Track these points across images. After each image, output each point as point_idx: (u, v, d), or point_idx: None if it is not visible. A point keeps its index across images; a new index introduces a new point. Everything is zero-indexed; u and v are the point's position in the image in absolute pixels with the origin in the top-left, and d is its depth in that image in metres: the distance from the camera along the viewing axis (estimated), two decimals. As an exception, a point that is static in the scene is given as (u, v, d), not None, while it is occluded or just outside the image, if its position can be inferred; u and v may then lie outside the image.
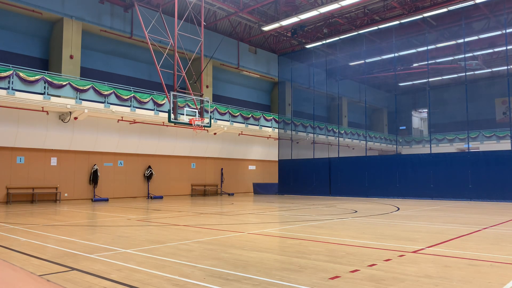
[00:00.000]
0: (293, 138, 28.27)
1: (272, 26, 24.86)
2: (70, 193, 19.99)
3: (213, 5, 24.35)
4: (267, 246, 6.70)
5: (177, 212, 13.32)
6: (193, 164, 25.76)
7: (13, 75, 16.82)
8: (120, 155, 22.08)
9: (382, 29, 25.67)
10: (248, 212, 13.54)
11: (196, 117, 19.21)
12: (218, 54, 26.45)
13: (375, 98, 38.35)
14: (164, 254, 5.85)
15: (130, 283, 4.25)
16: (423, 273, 4.66)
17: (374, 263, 5.19)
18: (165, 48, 20.11)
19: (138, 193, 22.73)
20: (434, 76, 33.22)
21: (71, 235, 7.92)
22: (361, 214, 12.32)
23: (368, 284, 4.19)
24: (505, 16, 20.74)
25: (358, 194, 23.22)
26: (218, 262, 5.27)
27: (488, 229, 8.72)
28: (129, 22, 23.16)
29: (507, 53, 20.69)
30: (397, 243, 6.89)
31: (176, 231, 8.49)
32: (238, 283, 4.24)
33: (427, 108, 35.04)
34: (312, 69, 28.85)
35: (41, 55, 21.23)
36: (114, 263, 5.24)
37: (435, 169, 20.72)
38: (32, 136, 18.52)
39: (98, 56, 23.15)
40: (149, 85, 24.41)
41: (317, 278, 4.46)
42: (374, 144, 37.15)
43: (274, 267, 5.02)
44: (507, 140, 28.79)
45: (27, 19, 20.29)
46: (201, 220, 10.74)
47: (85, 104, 18.79)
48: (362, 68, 28.72)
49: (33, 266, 5.08)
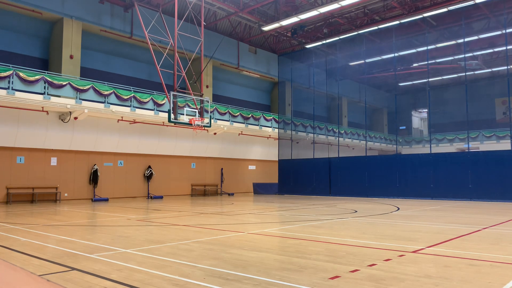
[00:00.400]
0: (293, 138, 28.26)
1: (272, 26, 24.86)
2: (70, 193, 19.99)
3: (213, 5, 24.35)
4: (267, 246, 6.70)
5: (177, 212, 13.32)
6: (193, 164, 25.76)
7: (13, 75, 16.83)
8: (120, 155, 22.08)
9: (382, 29, 25.67)
10: (248, 212, 13.54)
11: (196, 117, 19.21)
12: (218, 54, 26.45)
13: (375, 98, 38.34)
14: (164, 254, 5.85)
15: (130, 283, 4.25)
16: (423, 273, 4.66)
17: (374, 263, 5.19)
18: (165, 48, 20.11)
19: (138, 193, 22.73)
20: (434, 76, 33.20)
21: (71, 235, 7.92)
22: (361, 214, 12.32)
23: (368, 284, 4.19)
24: (505, 16, 20.74)
25: (358, 194, 23.21)
26: (218, 262, 5.27)
27: (488, 229, 8.71)
28: (129, 22, 23.16)
29: (507, 53, 20.69)
30: (397, 243, 6.89)
31: (176, 231, 8.49)
32: (238, 283, 4.24)
33: (427, 108, 35.04)
34: (312, 69, 28.84)
35: (41, 55, 21.23)
36: (114, 263, 5.24)
37: (435, 169, 20.71)
38: (32, 136, 18.52)
39: (98, 56, 23.15)
40: (149, 85, 24.41)
41: (317, 278, 4.46)
42: (374, 144, 37.15)
43: (274, 267, 5.02)
44: (507, 140, 28.78)
45: (27, 19, 20.29)
46: (201, 220, 10.75)
47: (85, 104, 18.79)
48: (362, 68, 28.70)
49: (33, 266, 5.08)
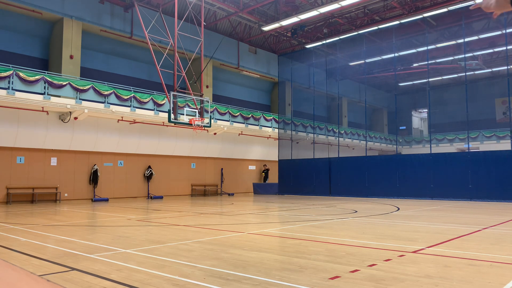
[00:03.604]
0: (293, 138, 28.25)
1: (272, 26, 24.86)
2: (70, 193, 19.99)
3: (213, 5, 24.36)
4: (267, 246, 6.69)
5: (177, 212, 13.32)
6: (193, 164, 25.76)
7: (13, 75, 16.82)
8: (120, 155, 22.08)
9: (382, 29, 25.67)
10: (248, 212, 13.54)
11: (196, 117, 19.22)
12: (218, 54, 26.45)
13: (375, 98, 38.35)
14: (164, 254, 5.84)
15: (130, 283, 4.25)
16: (423, 273, 4.66)
17: (374, 263, 5.19)
18: (165, 48, 20.11)
19: (138, 193, 22.73)
20: (434, 76, 33.20)
21: (71, 235, 7.91)
22: (361, 214, 12.32)
23: (368, 284, 4.19)
24: (505, 16, 20.74)
25: (358, 194, 23.21)
26: (218, 262, 5.27)
27: (488, 229, 8.71)
28: (129, 22, 23.16)
29: (507, 53, 20.70)
30: (397, 243, 6.89)
31: (176, 231, 8.49)
32: (238, 283, 4.24)
33: (427, 108, 35.05)
34: (312, 69, 28.83)
35: (41, 55, 21.23)
36: (114, 263, 5.24)
37: (435, 169, 20.71)
38: (32, 136, 18.52)
39: (98, 56, 23.15)
40: (149, 85, 24.41)
41: (317, 278, 4.46)
42: (374, 144, 37.15)
43: (274, 267, 5.01)
44: (507, 140, 28.79)
45: (27, 19, 20.29)
46: (201, 220, 10.74)
47: (85, 104, 18.79)
48: (362, 68, 28.71)
49: (33, 266, 5.07)
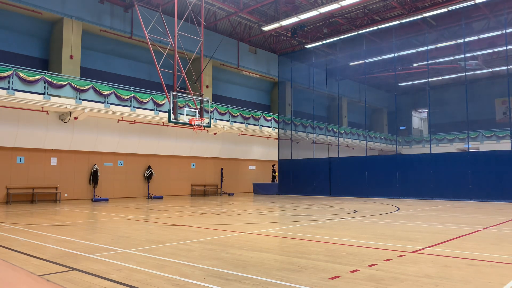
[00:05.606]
0: (293, 138, 28.25)
1: (272, 26, 24.86)
2: (70, 193, 19.99)
3: (213, 5, 24.36)
4: (267, 246, 6.69)
5: (177, 212, 13.32)
6: (193, 164, 25.76)
7: (13, 75, 16.82)
8: (120, 155, 22.08)
9: (382, 29, 25.66)
10: (248, 212, 13.54)
11: (196, 117, 19.22)
12: (218, 54, 26.44)
13: (375, 98, 38.34)
14: (164, 254, 5.84)
15: (130, 283, 4.25)
16: (423, 273, 4.66)
17: (374, 263, 5.19)
18: (165, 48, 20.10)
19: (138, 193, 22.73)
20: (434, 76, 33.21)
21: (71, 235, 7.91)
22: (361, 214, 12.32)
23: (368, 284, 4.19)
24: (505, 16, 20.73)
25: (358, 194, 23.21)
26: (218, 262, 5.27)
27: (488, 229, 8.71)
28: (129, 22, 23.16)
29: (507, 53, 20.68)
30: (397, 243, 6.89)
31: (176, 231, 8.49)
32: (238, 283, 4.24)
33: (427, 108, 35.01)
34: (312, 69, 28.83)
35: (41, 55, 21.23)
36: (114, 263, 5.24)
37: (435, 169, 20.71)
38: (32, 136, 18.52)
39: (98, 56, 23.15)
40: (149, 85, 24.41)
41: (317, 278, 4.46)
42: (374, 144, 37.15)
43: (274, 267, 5.01)
44: (507, 140, 28.79)
45: (27, 19, 20.29)
46: (201, 220, 10.74)
47: (85, 104, 18.79)
48: (362, 68, 28.69)
49: (33, 266, 5.08)
